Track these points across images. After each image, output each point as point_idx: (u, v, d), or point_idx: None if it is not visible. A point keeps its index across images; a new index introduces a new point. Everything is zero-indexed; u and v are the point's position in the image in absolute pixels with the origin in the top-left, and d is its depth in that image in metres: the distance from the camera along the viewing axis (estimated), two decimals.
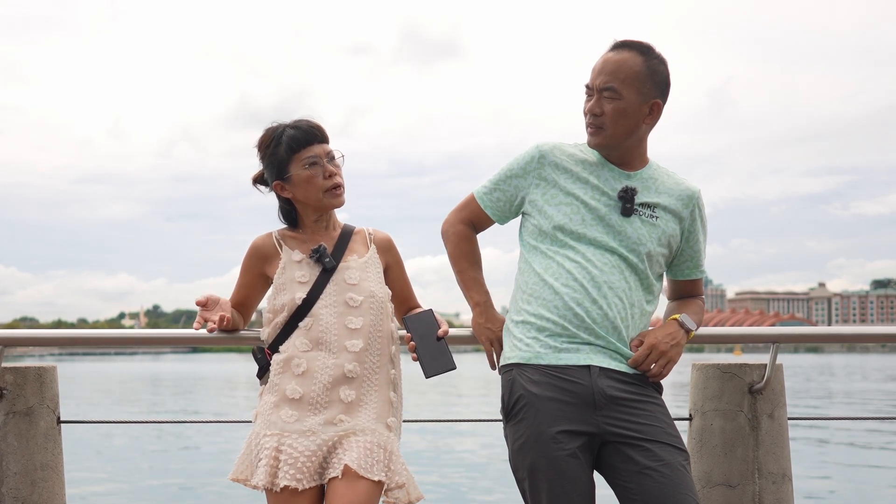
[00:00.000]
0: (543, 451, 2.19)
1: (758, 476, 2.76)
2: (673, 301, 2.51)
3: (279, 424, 2.28)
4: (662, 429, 2.20)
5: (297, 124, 2.40)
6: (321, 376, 2.30)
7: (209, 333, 2.49)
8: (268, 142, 2.40)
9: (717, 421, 2.80)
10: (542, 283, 2.30)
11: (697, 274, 2.46)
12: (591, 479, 2.21)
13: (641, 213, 2.32)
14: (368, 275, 2.42)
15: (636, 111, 2.28)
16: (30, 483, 2.68)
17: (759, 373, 2.81)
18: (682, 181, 2.40)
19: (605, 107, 2.28)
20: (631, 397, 2.22)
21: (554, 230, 2.32)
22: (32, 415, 2.71)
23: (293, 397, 2.29)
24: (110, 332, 2.91)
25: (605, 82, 2.27)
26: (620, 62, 2.27)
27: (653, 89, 2.29)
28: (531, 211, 2.38)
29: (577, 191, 2.33)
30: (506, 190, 2.42)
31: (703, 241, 2.45)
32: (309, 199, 2.40)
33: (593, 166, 2.36)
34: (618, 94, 2.26)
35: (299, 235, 2.46)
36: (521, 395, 2.25)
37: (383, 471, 2.27)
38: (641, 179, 2.35)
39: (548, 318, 2.26)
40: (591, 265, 2.27)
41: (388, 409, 2.37)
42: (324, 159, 2.38)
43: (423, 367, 2.35)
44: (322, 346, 2.32)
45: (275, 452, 2.24)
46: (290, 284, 2.37)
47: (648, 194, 2.34)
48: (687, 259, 2.43)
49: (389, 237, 2.54)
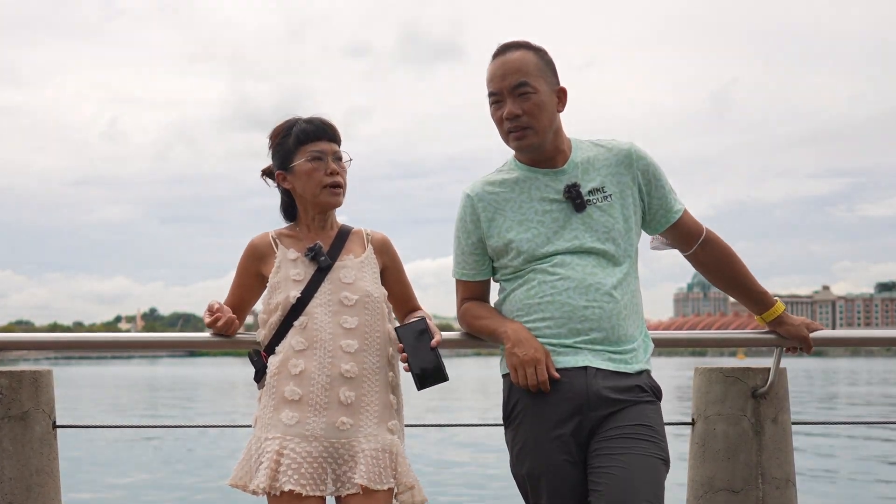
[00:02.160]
0: (542, 456, 2.18)
1: (761, 481, 2.74)
2: (693, 255, 2.45)
3: (280, 427, 2.26)
4: (644, 425, 2.17)
5: (311, 119, 2.43)
6: (318, 376, 2.28)
7: (214, 327, 2.42)
8: (280, 131, 2.44)
9: (720, 425, 2.78)
10: (527, 306, 2.28)
11: (674, 215, 2.40)
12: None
13: (594, 200, 2.30)
14: (364, 274, 2.41)
15: (550, 101, 2.29)
16: (25, 488, 2.65)
17: (762, 377, 2.79)
18: (611, 146, 2.37)
19: (522, 105, 2.27)
20: (624, 399, 2.20)
21: (523, 262, 2.30)
22: (28, 419, 2.68)
23: (292, 398, 2.27)
24: (106, 336, 2.90)
25: (516, 80, 2.27)
26: (519, 60, 2.28)
27: (553, 77, 2.32)
28: (496, 253, 2.36)
29: (526, 213, 2.31)
30: (472, 252, 2.40)
31: (665, 183, 2.39)
32: (307, 192, 2.41)
33: (525, 182, 2.34)
34: (532, 88, 2.26)
35: (296, 234, 2.46)
36: (519, 399, 2.25)
37: (391, 476, 2.28)
38: (575, 168, 2.33)
39: (542, 331, 2.25)
40: (571, 271, 2.25)
41: (389, 413, 2.35)
42: (329, 157, 2.40)
43: (415, 379, 2.30)
44: (317, 345, 2.30)
45: (276, 456, 2.23)
46: (284, 283, 2.37)
47: (590, 179, 2.32)
48: (658, 208, 2.39)
49: (387, 238, 2.53)
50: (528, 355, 2.20)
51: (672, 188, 2.41)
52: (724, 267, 2.48)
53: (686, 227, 2.43)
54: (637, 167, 2.34)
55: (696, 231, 2.44)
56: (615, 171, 2.33)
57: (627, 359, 2.25)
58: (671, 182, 2.41)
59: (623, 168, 2.34)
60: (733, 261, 2.48)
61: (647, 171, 2.36)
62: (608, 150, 2.36)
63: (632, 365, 2.25)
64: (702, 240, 2.44)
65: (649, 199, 2.37)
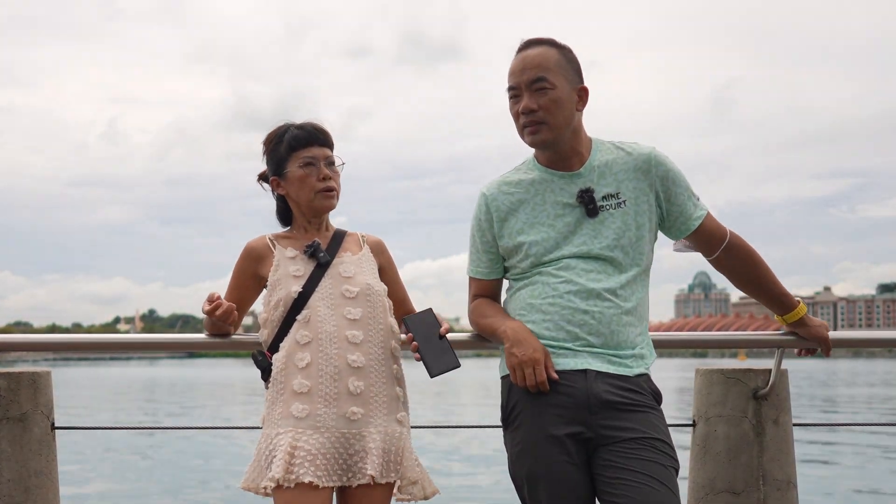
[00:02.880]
0: (541, 457, 2.17)
1: (762, 483, 2.73)
2: (716, 259, 2.41)
3: (291, 421, 2.25)
4: (652, 434, 2.16)
5: (303, 125, 2.44)
6: (326, 367, 2.27)
7: (213, 315, 2.36)
8: (272, 138, 2.46)
9: (721, 427, 2.77)
10: (530, 306, 2.27)
11: (694, 223, 2.36)
12: (590, 485, 2.18)
13: (607, 206, 2.28)
14: (363, 269, 2.43)
15: (569, 98, 2.27)
16: (23, 490, 2.64)
17: (763, 378, 2.78)
18: (632, 149, 2.34)
19: (539, 101, 2.25)
20: (626, 402, 2.19)
21: (531, 264, 2.30)
22: (26, 421, 2.68)
23: (301, 391, 2.26)
24: (105, 337, 2.90)
25: (534, 75, 2.25)
26: (540, 55, 2.27)
27: (575, 76, 2.29)
28: (507, 253, 2.36)
29: (538, 216, 2.31)
30: (486, 251, 2.40)
31: (684, 190, 2.35)
32: (301, 198, 2.42)
33: (542, 183, 2.33)
34: (550, 84, 2.25)
35: (293, 235, 2.48)
36: (518, 401, 2.23)
37: (395, 470, 2.29)
38: (592, 172, 2.31)
39: (542, 334, 2.24)
40: (575, 275, 2.24)
41: (397, 404, 2.35)
42: (321, 162, 2.41)
43: (428, 366, 2.31)
44: (322, 336, 2.30)
45: (290, 448, 2.21)
46: (284, 280, 2.37)
47: (606, 184, 2.30)
48: (678, 215, 2.36)
49: (381, 240, 2.56)
50: (527, 355, 2.19)
51: (693, 194, 2.37)
52: (749, 270, 2.43)
53: (708, 233, 2.39)
54: (656, 173, 2.32)
55: (719, 235, 2.40)
56: (632, 176, 2.31)
57: (627, 362, 2.24)
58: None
59: (641, 174, 2.31)
60: (758, 264, 2.44)
61: (665, 178, 2.33)
62: (628, 154, 2.33)
63: (632, 368, 2.24)
64: (725, 244, 2.40)
65: (668, 205, 2.34)
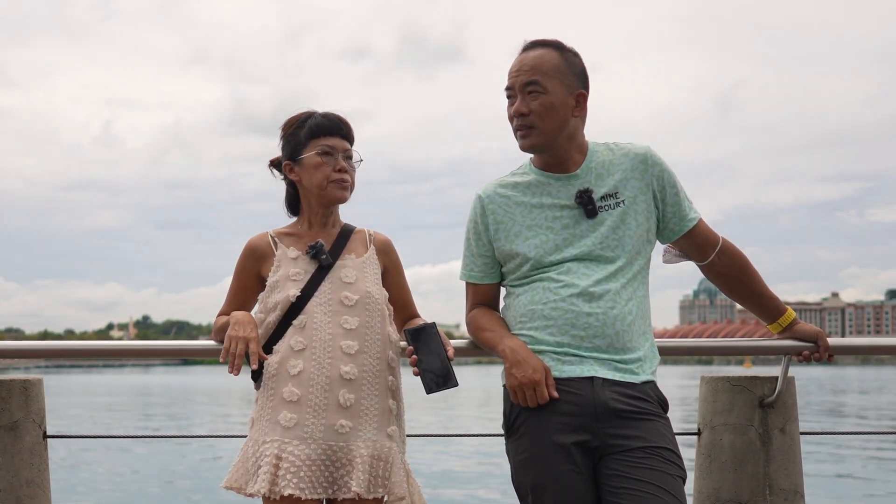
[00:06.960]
0: (547, 466, 2.13)
1: (769, 493, 2.69)
2: (711, 270, 2.41)
3: (278, 430, 2.22)
4: (659, 443, 2.13)
5: (327, 114, 2.40)
6: (317, 377, 2.24)
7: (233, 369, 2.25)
8: (293, 122, 2.41)
9: (727, 436, 2.73)
10: (531, 312, 2.24)
11: (688, 223, 2.35)
12: (596, 494, 2.14)
13: (606, 206, 2.26)
14: (365, 274, 2.37)
15: (563, 104, 2.24)
16: (15, 499, 2.61)
17: (769, 386, 2.75)
18: (628, 149, 2.32)
19: (531, 104, 2.23)
20: (633, 410, 2.15)
21: (531, 269, 2.26)
22: (18, 429, 2.65)
23: (291, 399, 2.23)
24: (98, 344, 2.87)
25: (528, 78, 2.23)
26: (538, 58, 2.24)
27: (575, 80, 2.26)
28: (503, 257, 2.33)
29: (535, 218, 2.28)
30: (481, 255, 2.37)
31: (680, 191, 2.34)
32: (313, 185, 2.36)
33: (538, 186, 2.30)
34: (542, 88, 2.22)
35: (296, 232, 2.42)
36: (522, 409, 2.20)
37: (382, 486, 2.24)
38: (589, 173, 2.28)
39: (546, 340, 2.21)
40: (576, 278, 2.21)
41: (388, 418, 2.30)
42: (339, 154, 2.36)
43: (425, 383, 2.25)
44: (316, 345, 2.26)
45: (275, 460, 2.19)
46: (283, 282, 2.33)
47: (603, 184, 2.27)
48: (672, 216, 2.34)
49: (389, 240, 2.50)
50: (527, 377, 2.15)
51: (687, 196, 2.36)
52: (740, 278, 2.43)
53: (701, 237, 2.38)
54: (652, 173, 2.30)
55: (712, 240, 2.38)
56: (629, 175, 2.29)
57: (633, 368, 2.21)
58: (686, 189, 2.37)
59: (637, 173, 2.29)
60: (749, 272, 2.43)
61: (661, 178, 2.31)
62: (624, 153, 2.31)
63: (638, 375, 2.21)
64: (718, 250, 2.39)
65: (663, 205, 2.32)
